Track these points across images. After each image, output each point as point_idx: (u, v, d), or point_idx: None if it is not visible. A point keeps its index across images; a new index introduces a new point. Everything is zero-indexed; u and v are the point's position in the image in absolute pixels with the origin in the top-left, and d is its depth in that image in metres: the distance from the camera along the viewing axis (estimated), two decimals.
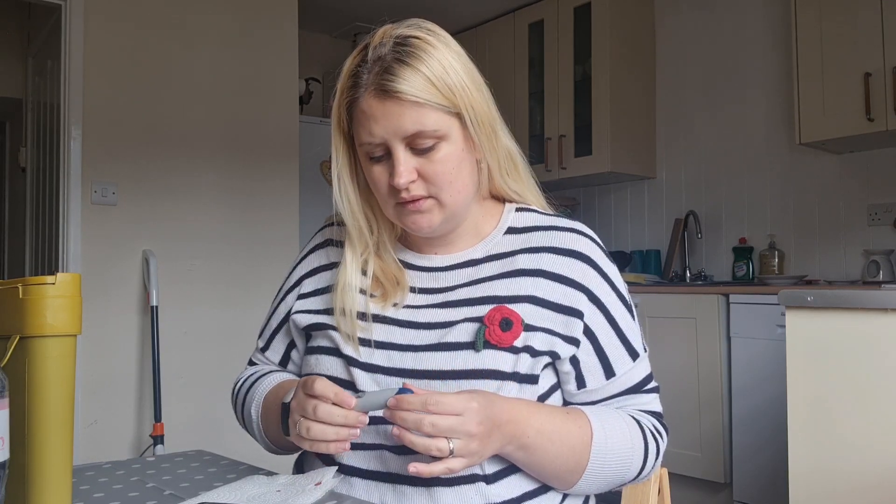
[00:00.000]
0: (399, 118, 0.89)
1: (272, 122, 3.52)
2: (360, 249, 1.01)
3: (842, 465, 1.83)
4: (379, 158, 0.93)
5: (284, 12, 3.58)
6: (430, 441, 0.79)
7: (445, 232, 1.00)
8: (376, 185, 0.94)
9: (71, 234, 2.97)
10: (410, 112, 0.88)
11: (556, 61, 4.11)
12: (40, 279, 0.71)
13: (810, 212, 3.44)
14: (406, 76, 0.88)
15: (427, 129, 0.89)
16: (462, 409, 0.80)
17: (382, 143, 0.91)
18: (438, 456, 0.80)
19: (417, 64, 0.89)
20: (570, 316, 0.95)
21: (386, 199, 0.95)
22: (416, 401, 0.80)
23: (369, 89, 0.90)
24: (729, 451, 3.01)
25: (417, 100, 0.88)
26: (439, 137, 0.91)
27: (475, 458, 0.83)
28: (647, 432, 0.96)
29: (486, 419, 0.82)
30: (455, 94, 0.90)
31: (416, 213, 0.93)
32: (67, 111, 2.99)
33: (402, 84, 0.88)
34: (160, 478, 0.99)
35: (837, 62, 3.01)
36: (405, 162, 0.90)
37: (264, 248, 3.44)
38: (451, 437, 0.79)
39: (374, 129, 0.90)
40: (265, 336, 1.12)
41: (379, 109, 0.89)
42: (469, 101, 0.92)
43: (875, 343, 1.80)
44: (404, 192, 0.92)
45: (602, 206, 4.30)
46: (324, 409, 0.83)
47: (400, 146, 0.90)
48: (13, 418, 0.68)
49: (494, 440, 0.84)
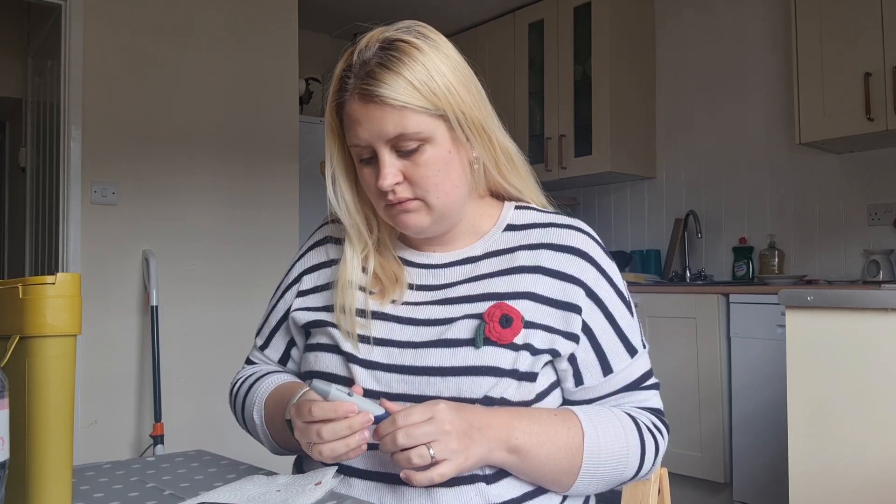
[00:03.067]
0: (381, 122, 0.90)
1: (272, 122, 3.52)
2: (360, 248, 1.02)
3: (842, 465, 1.83)
4: (368, 161, 0.94)
5: (284, 12, 3.58)
6: (410, 452, 0.81)
7: (439, 232, 1.00)
8: (367, 187, 0.96)
9: (71, 234, 2.97)
10: (392, 115, 0.90)
11: (556, 61, 4.11)
12: (40, 279, 0.71)
13: (810, 212, 3.44)
14: (388, 80, 0.89)
15: (409, 131, 0.90)
16: (429, 413, 0.82)
17: (368, 146, 0.92)
18: (421, 464, 0.81)
19: (399, 68, 0.90)
20: (569, 312, 0.95)
21: (376, 200, 0.96)
22: (386, 424, 0.82)
23: (354, 93, 0.91)
24: (729, 451, 3.01)
25: (397, 103, 0.89)
26: (423, 140, 0.91)
27: (461, 459, 0.83)
28: (644, 429, 0.96)
29: (456, 418, 0.83)
30: (439, 97, 0.91)
31: (404, 213, 0.95)
32: (67, 111, 2.99)
33: (384, 88, 0.89)
34: (160, 478, 0.99)
35: (837, 62, 3.01)
36: (390, 164, 0.92)
37: (264, 248, 3.44)
38: (428, 442, 0.81)
39: (360, 133, 0.92)
40: (264, 334, 1.12)
41: (363, 113, 0.91)
42: (456, 102, 0.92)
43: (875, 343, 1.80)
44: (390, 194, 0.93)
45: (602, 206, 4.30)
46: (328, 430, 0.83)
47: (384, 149, 0.92)
48: (13, 418, 0.68)
49: (477, 443, 0.84)
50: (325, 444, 0.83)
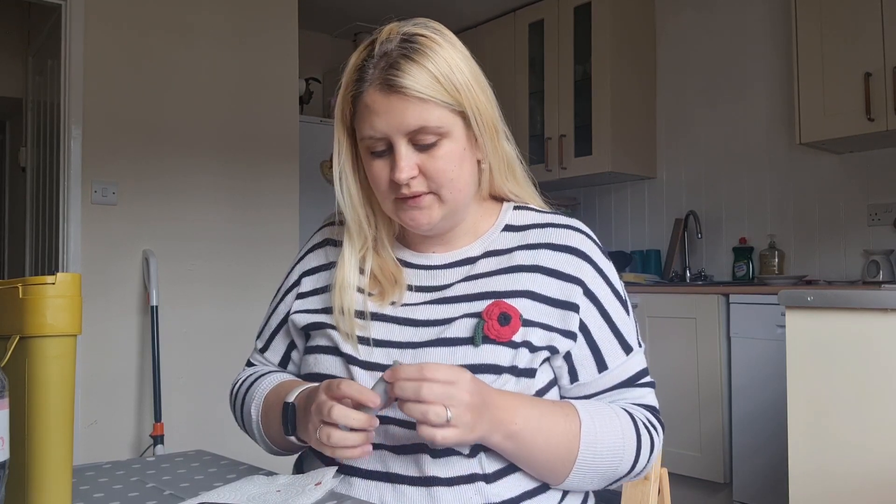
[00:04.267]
0: (402, 113, 0.89)
1: (272, 122, 3.51)
2: (359, 245, 1.01)
3: (842, 465, 1.83)
4: (380, 153, 0.93)
5: (284, 12, 3.58)
6: (427, 407, 0.79)
7: (444, 230, 1.00)
8: (376, 181, 0.95)
9: (71, 234, 2.97)
10: (414, 108, 0.89)
11: (556, 61, 4.11)
12: (40, 279, 0.71)
13: (810, 212, 3.44)
14: (412, 72, 0.89)
15: (430, 125, 0.90)
16: (455, 378, 0.81)
17: (384, 138, 0.91)
18: (436, 422, 0.79)
19: (424, 61, 0.89)
20: (567, 310, 0.95)
21: (386, 194, 0.95)
22: (413, 368, 0.80)
23: (374, 84, 0.90)
24: (729, 451, 3.01)
25: (422, 96, 0.89)
26: (442, 134, 0.91)
27: (466, 431, 0.82)
28: (641, 425, 0.96)
29: (476, 391, 0.83)
30: (460, 93, 0.91)
31: (415, 209, 0.94)
32: (67, 111, 2.99)
33: (408, 79, 0.88)
34: (160, 478, 0.99)
35: (837, 62, 3.01)
36: (407, 157, 0.91)
37: (264, 248, 3.44)
38: (448, 404, 0.80)
39: (377, 124, 0.90)
40: (264, 336, 1.12)
41: (383, 104, 0.90)
42: (474, 101, 0.93)
43: (875, 343, 1.80)
44: (405, 187, 0.92)
45: (602, 206, 4.30)
46: (338, 410, 0.82)
47: (402, 141, 0.91)
48: (13, 418, 0.68)
49: (484, 420, 0.84)
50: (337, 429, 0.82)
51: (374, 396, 0.82)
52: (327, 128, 4.12)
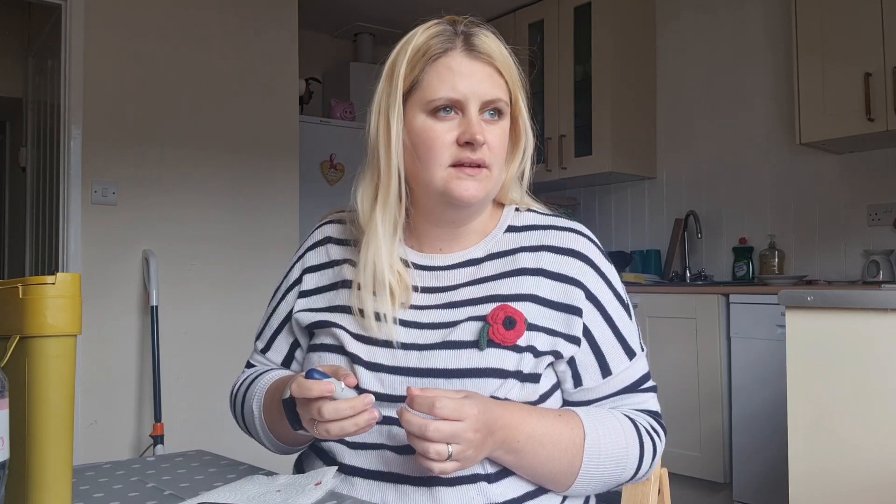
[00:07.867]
0: (484, 79, 0.94)
1: (272, 122, 3.51)
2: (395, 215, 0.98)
3: (842, 465, 1.83)
4: (444, 117, 0.94)
5: (284, 12, 3.58)
6: (430, 445, 0.80)
7: (471, 216, 1.00)
8: (435, 143, 0.93)
9: (71, 234, 2.97)
10: (495, 77, 0.96)
11: (556, 61, 4.11)
12: (40, 279, 0.71)
13: (810, 212, 3.43)
14: (495, 47, 0.96)
15: (503, 98, 0.96)
16: (463, 415, 0.81)
17: (458, 101, 0.93)
18: (436, 459, 0.80)
19: (500, 42, 0.98)
20: (571, 314, 0.96)
21: (443, 157, 0.93)
22: (425, 402, 0.81)
23: (459, 48, 0.95)
24: (729, 451, 3.01)
25: (504, 68, 0.96)
26: (502, 113, 0.97)
27: (466, 464, 0.84)
28: (643, 431, 0.96)
29: (482, 426, 0.83)
30: (519, 83, 0.99)
31: (472, 179, 0.94)
32: (67, 111, 2.99)
33: (494, 51, 0.96)
34: (160, 478, 0.99)
35: (837, 62, 3.00)
36: (477, 123, 0.94)
37: (264, 248, 3.44)
38: (451, 441, 0.80)
39: (459, 85, 0.93)
40: (265, 337, 1.11)
41: (468, 66, 0.94)
42: (523, 95, 1.00)
43: (875, 343, 1.80)
44: (472, 151, 0.93)
45: (602, 206, 4.30)
46: (328, 408, 0.82)
47: (476, 107, 0.94)
48: (13, 418, 0.68)
49: (487, 447, 0.85)
50: (333, 423, 0.83)
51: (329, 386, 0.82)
52: (327, 128, 4.12)
